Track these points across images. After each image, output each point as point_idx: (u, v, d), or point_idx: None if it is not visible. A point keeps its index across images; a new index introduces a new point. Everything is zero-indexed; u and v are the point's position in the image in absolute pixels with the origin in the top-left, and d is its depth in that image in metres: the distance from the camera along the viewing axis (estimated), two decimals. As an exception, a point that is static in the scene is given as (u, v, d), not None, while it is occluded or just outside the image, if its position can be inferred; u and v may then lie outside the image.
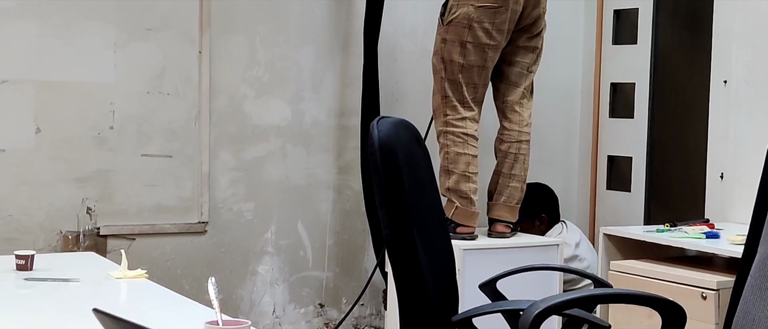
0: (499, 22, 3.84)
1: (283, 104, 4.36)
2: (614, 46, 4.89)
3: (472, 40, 3.85)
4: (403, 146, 2.51)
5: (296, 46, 4.36)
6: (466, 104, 3.92)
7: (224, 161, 4.25)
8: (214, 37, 4.17)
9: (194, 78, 4.15)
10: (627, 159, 4.83)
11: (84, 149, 3.97)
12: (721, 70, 4.32)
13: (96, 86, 3.98)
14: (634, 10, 4.76)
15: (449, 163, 3.92)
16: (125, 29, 4.00)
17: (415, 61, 4.57)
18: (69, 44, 3.91)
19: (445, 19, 3.90)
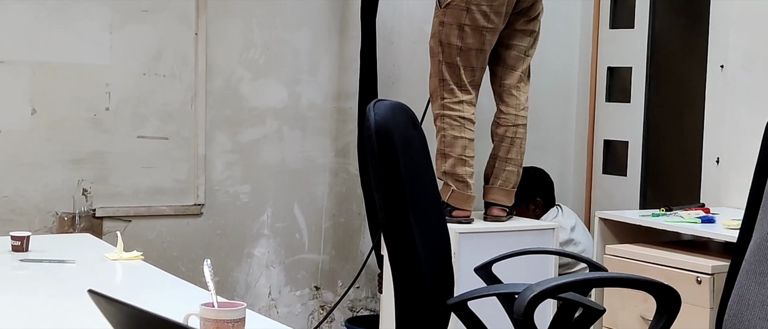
0: (497, 5, 3.83)
1: (280, 87, 4.35)
2: (611, 30, 4.89)
3: (470, 23, 3.84)
4: (399, 129, 2.51)
5: (293, 28, 4.35)
6: (464, 87, 3.92)
7: (220, 144, 4.24)
8: (210, 19, 4.16)
9: (190, 60, 4.14)
10: (623, 143, 4.83)
11: (80, 131, 3.96)
12: (717, 55, 4.32)
13: (92, 68, 3.97)
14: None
15: (446, 146, 3.92)
16: (121, 11, 3.99)
17: (412, 44, 4.57)
18: (65, 26, 3.90)
19: (442, 2, 3.89)
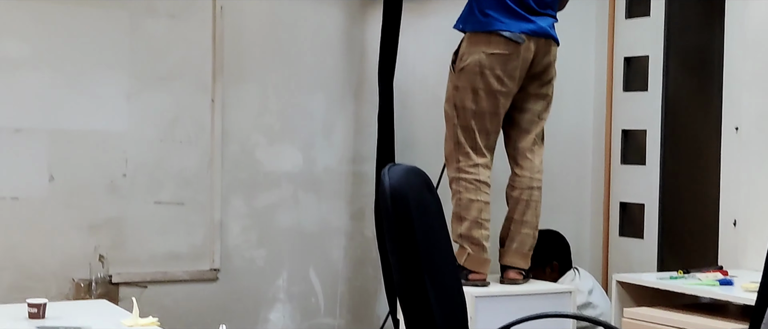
0: (511, 69, 3.86)
1: (295, 151, 4.38)
2: (625, 92, 4.90)
3: (484, 87, 3.86)
4: (414, 192, 2.52)
5: (308, 93, 4.38)
6: (479, 150, 3.92)
7: (236, 208, 4.25)
8: (226, 85, 4.20)
9: (207, 125, 4.17)
10: (639, 206, 4.82)
11: (97, 197, 3.98)
12: (732, 117, 4.32)
13: (109, 134, 4.00)
14: (645, 58, 4.78)
15: (461, 209, 3.92)
16: (139, 78, 4.03)
17: (426, 108, 4.59)
18: (83, 93, 3.94)
19: (456, 67, 3.92)
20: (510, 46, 3.84)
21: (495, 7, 3.86)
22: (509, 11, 3.86)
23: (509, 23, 3.85)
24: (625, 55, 4.90)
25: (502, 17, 3.86)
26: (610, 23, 4.93)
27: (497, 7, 3.86)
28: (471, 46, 3.88)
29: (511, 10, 3.86)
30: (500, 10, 3.86)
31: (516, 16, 3.87)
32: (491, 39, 3.84)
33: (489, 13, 3.86)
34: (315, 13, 4.37)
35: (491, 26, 3.85)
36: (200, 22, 4.13)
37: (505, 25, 3.85)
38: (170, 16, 4.07)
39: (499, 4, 3.86)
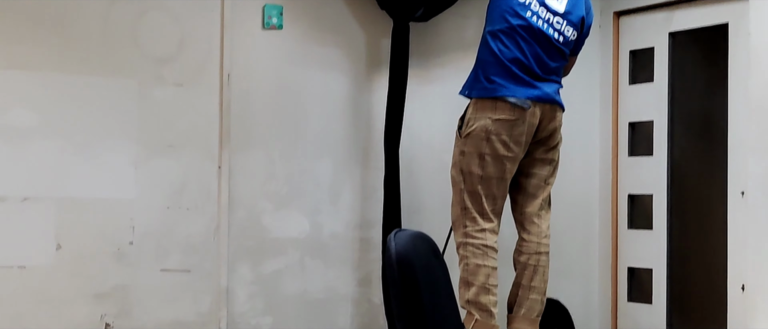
0: (517, 134, 3.88)
1: (301, 217, 4.38)
2: (631, 157, 4.91)
3: (491, 152, 3.88)
4: (420, 258, 2.52)
5: (314, 159, 4.40)
6: (486, 215, 3.93)
7: (242, 275, 4.25)
8: (233, 152, 4.22)
9: (213, 192, 4.18)
10: (647, 271, 4.80)
11: (103, 265, 3.98)
12: (738, 181, 4.32)
13: (116, 202, 4.01)
14: (649, 123, 4.80)
15: (469, 275, 3.91)
16: (146, 145, 4.05)
17: (432, 173, 4.60)
18: (90, 161, 3.96)
19: (463, 132, 3.94)
20: (516, 112, 3.86)
21: (500, 73, 3.90)
22: (514, 78, 3.90)
23: (514, 89, 3.89)
24: (630, 120, 4.92)
25: (508, 83, 3.89)
26: (614, 89, 4.96)
27: (502, 74, 3.90)
28: (477, 112, 3.91)
29: (516, 76, 3.90)
30: (505, 77, 3.90)
31: (521, 82, 3.90)
32: (497, 105, 3.87)
33: (494, 80, 3.90)
34: (321, 80, 4.40)
35: (497, 92, 3.88)
36: (208, 90, 4.17)
37: (511, 92, 3.88)
38: (178, 85, 4.11)
39: (505, 70, 3.90)
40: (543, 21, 3.94)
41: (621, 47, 4.96)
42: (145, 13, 4.04)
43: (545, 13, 3.95)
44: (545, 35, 3.94)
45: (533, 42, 3.93)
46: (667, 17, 4.71)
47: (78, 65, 3.93)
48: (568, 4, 4.00)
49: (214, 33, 4.18)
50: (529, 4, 3.92)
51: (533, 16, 3.92)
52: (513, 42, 3.91)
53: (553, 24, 3.97)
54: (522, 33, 3.91)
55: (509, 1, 3.93)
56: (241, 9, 4.23)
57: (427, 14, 4.45)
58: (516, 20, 3.91)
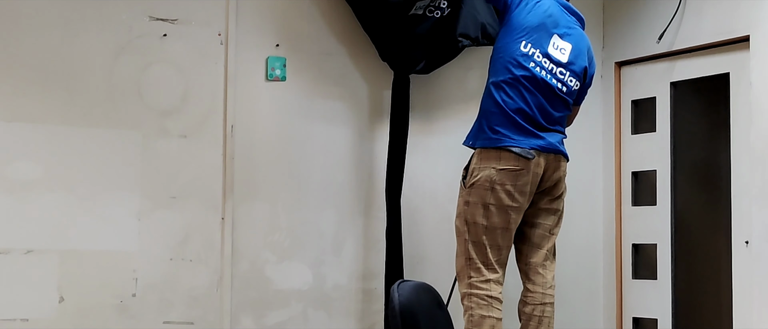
0: (521, 184, 3.88)
1: (305, 268, 4.37)
2: (634, 207, 4.91)
3: (495, 202, 3.88)
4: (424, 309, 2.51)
5: (317, 210, 4.40)
6: (490, 266, 3.91)
7: (245, 327, 4.23)
8: (237, 204, 4.22)
9: (216, 244, 4.18)
10: (652, 321, 4.77)
11: (106, 318, 3.97)
12: (742, 231, 4.31)
13: (119, 254, 4.01)
14: (652, 172, 4.80)
15: (474, 326, 3.89)
16: (150, 197, 4.06)
17: (436, 223, 4.59)
18: (93, 213, 3.96)
19: (467, 182, 3.94)
20: (520, 162, 3.87)
21: (504, 124, 3.91)
22: (519, 128, 3.90)
23: (519, 139, 3.89)
24: (633, 169, 4.92)
25: (512, 134, 3.89)
26: (617, 138, 4.97)
27: (506, 124, 3.90)
28: (481, 162, 3.91)
29: (521, 126, 3.90)
30: (509, 127, 3.90)
31: (525, 132, 3.91)
32: (501, 155, 3.87)
33: (498, 130, 3.90)
34: (324, 131, 4.42)
35: (501, 142, 3.89)
36: (211, 142, 4.18)
37: (515, 142, 3.88)
38: (182, 136, 4.13)
39: (509, 121, 3.90)
40: (546, 71, 3.96)
41: (623, 97, 4.97)
42: (149, 66, 4.07)
43: (548, 63, 3.96)
44: (549, 86, 3.96)
45: (537, 92, 3.94)
46: (668, 67, 4.73)
47: (82, 118, 3.95)
48: (571, 55, 4.02)
49: (218, 85, 4.20)
50: (532, 55, 3.94)
51: (536, 67, 3.94)
52: (517, 93, 3.92)
53: (556, 74, 3.98)
54: (525, 83, 3.92)
55: (512, 52, 3.95)
56: (244, 61, 4.25)
57: (428, 67, 4.48)
58: (519, 71, 3.93)
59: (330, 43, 4.42)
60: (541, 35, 3.97)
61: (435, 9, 4.35)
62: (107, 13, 3.99)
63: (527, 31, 3.95)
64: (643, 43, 4.80)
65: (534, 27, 3.96)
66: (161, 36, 4.09)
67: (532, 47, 3.94)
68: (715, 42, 4.47)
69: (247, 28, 4.26)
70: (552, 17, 4.00)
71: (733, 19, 4.35)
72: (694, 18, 4.55)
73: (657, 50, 4.72)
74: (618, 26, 4.96)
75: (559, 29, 4.00)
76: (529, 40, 3.95)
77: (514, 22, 3.98)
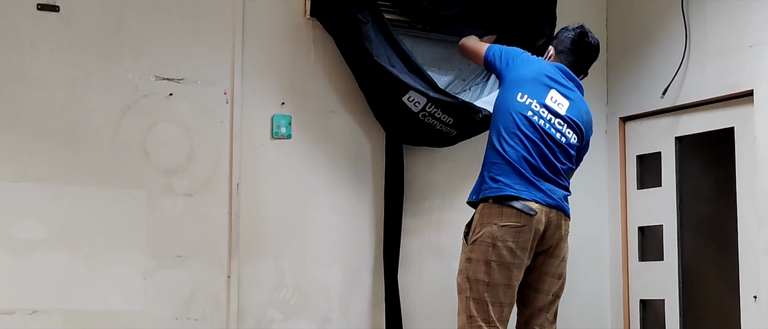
0: (523, 240, 3.87)
1: (311, 326, 4.35)
2: (641, 262, 4.89)
3: (497, 259, 3.86)
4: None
5: (323, 267, 4.39)
6: (492, 323, 3.89)
7: (251, 387, 4.21)
8: (242, 261, 4.21)
9: (222, 303, 4.17)
10: (661, 377, 4.74)
11: (111, 377, 3.95)
12: (750, 285, 4.29)
13: (125, 314, 4.00)
14: (659, 227, 4.79)
15: (476, 383, 3.86)
16: (155, 256, 4.06)
17: (441, 280, 4.58)
18: (98, 273, 3.96)
19: (469, 239, 3.93)
20: (522, 218, 3.86)
21: (506, 173, 3.89)
22: (521, 176, 3.89)
23: (520, 189, 3.87)
24: (640, 224, 4.91)
25: (514, 183, 3.88)
26: (623, 193, 4.97)
27: (509, 174, 3.89)
28: (483, 218, 3.91)
29: (523, 175, 3.89)
30: (511, 176, 3.89)
31: (527, 181, 3.89)
32: (503, 211, 3.87)
33: (500, 179, 3.90)
34: (329, 188, 4.42)
35: (502, 191, 3.87)
36: (217, 200, 4.19)
37: (517, 192, 3.86)
38: (187, 195, 4.13)
39: (511, 170, 3.89)
40: (544, 120, 3.96)
41: (628, 152, 4.98)
42: (155, 125, 4.09)
43: (546, 113, 3.97)
44: (548, 134, 3.95)
45: (537, 140, 3.93)
46: (672, 122, 4.74)
47: (88, 177, 3.96)
48: (569, 110, 4.02)
49: (224, 143, 4.22)
50: (531, 104, 3.96)
51: (535, 116, 3.95)
52: (517, 141, 3.92)
53: (554, 124, 3.98)
54: (525, 131, 3.92)
55: (509, 103, 3.97)
56: (250, 119, 4.28)
57: (421, 144, 4.52)
58: (518, 119, 3.94)
59: (334, 101, 4.45)
60: (538, 87, 3.99)
61: (440, 123, 4.39)
62: (113, 73, 4.03)
63: (523, 83, 3.99)
64: (647, 98, 4.81)
65: (530, 79, 4.00)
66: (167, 95, 4.12)
67: (529, 98, 3.96)
68: (718, 97, 4.48)
69: (253, 87, 4.29)
70: (549, 75, 4.04)
71: (737, 73, 4.37)
72: (697, 73, 4.57)
73: (661, 105, 4.74)
74: (621, 81, 4.98)
75: (556, 85, 4.03)
76: (526, 91, 3.98)
77: (510, 78, 4.04)
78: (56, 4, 3.93)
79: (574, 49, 4.14)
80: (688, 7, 4.63)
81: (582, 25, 4.20)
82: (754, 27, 4.31)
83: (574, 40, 4.15)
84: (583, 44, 4.16)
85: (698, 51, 4.57)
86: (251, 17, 4.29)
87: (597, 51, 4.21)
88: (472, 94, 4.62)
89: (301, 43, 4.40)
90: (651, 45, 4.82)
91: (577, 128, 4.04)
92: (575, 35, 4.15)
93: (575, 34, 4.16)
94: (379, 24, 4.31)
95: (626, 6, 4.99)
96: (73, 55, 3.95)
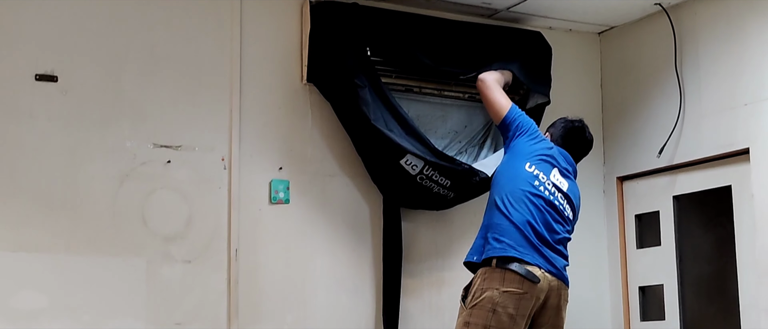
0: (523, 307, 3.83)
1: (310, 390, 4.32)
2: (642, 322, 4.87)
3: (496, 325, 3.81)
4: None
5: (323, 329, 4.37)
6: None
7: None
8: (241, 327, 4.19)
9: (222, 369, 4.14)
10: None
11: None
12: (753, 345, 4.27)
13: (124, 382, 3.97)
14: (659, 287, 4.78)
15: None
16: (155, 323, 4.03)
17: (443, 344, 4.56)
18: (98, 342, 3.93)
19: (467, 302, 3.89)
20: (525, 285, 3.82)
21: (510, 235, 3.87)
22: (526, 240, 3.87)
23: (523, 253, 3.85)
24: (640, 284, 4.90)
25: (518, 245, 3.86)
26: (623, 253, 4.96)
27: (513, 235, 3.87)
28: (485, 282, 3.86)
29: (527, 239, 3.88)
30: (516, 238, 3.87)
31: (532, 246, 3.87)
32: (506, 276, 3.83)
33: (504, 240, 3.88)
34: (328, 252, 4.41)
35: (507, 252, 3.84)
36: (216, 266, 4.18)
37: (520, 254, 3.84)
38: (186, 262, 4.12)
39: (516, 231, 3.87)
40: (549, 192, 4.00)
41: (626, 212, 4.98)
42: (153, 193, 4.09)
43: (551, 187, 4.02)
44: (553, 204, 3.98)
45: (542, 208, 3.94)
46: (670, 181, 4.75)
47: (86, 246, 3.95)
48: (569, 190, 4.08)
49: (222, 209, 4.22)
50: (538, 176, 4.00)
51: (541, 186, 3.99)
52: (523, 206, 3.93)
53: (557, 197, 4.03)
54: (532, 198, 3.94)
55: (518, 170, 3.99)
56: (248, 185, 4.28)
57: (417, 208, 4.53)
58: (525, 186, 3.95)
59: (332, 166, 4.46)
60: (544, 164, 4.05)
61: (437, 186, 4.41)
62: (111, 141, 4.04)
63: (532, 156, 4.04)
64: (644, 157, 4.83)
65: (538, 155, 4.06)
66: (165, 162, 4.13)
67: (537, 169, 4.01)
68: (715, 155, 4.50)
69: (250, 152, 4.30)
70: (554, 156, 4.11)
71: (732, 132, 4.39)
72: (693, 132, 4.59)
73: (658, 164, 4.75)
74: (618, 141, 5.00)
75: (559, 166, 4.10)
76: (534, 162, 4.03)
77: (520, 147, 4.08)
78: (55, 74, 3.96)
79: (569, 140, 4.22)
80: (682, 67, 4.66)
81: (581, 120, 4.30)
82: (747, 86, 4.35)
83: (570, 132, 4.24)
84: (579, 138, 4.25)
85: (693, 110, 4.59)
86: (248, 83, 4.32)
87: (590, 147, 4.32)
88: (468, 156, 4.63)
89: (299, 108, 4.42)
90: (646, 104, 4.85)
91: (573, 206, 4.08)
92: (572, 127, 4.25)
93: (573, 126, 4.25)
94: (376, 88, 4.34)
95: (621, 66, 5.03)
96: (71, 123, 3.97)
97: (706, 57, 4.55)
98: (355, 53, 4.34)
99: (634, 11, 4.83)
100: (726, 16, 4.47)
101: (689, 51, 4.64)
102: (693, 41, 4.62)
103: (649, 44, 4.86)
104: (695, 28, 4.61)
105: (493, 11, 4.76)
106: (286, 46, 4.41)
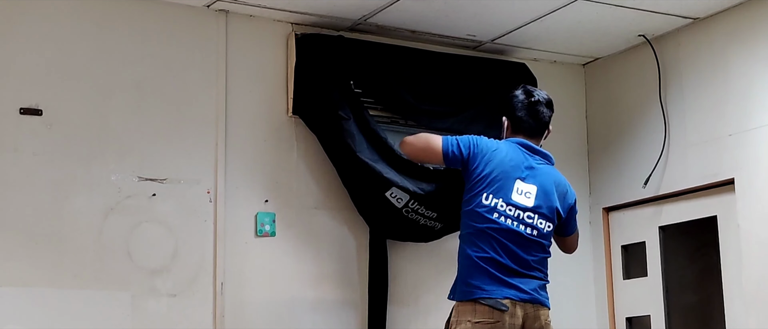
0: (510, 337, 3.80)
1: None
2: (630, 352, 4.87)
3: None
4: None
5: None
6: None
7: None
8: (227, 362, 4.17)
9: (208, 405, 4.11)
10: None
11: None
12: (741, 377, 4.26)
13: None
14: (647, 317, 4.77)
15: None
16: (141, 360, 4.01)
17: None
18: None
19: (450, 328, 3.89)
20: (494, 315, 3.77)
21: (476, 275, 3.82)
22: (491, 277, 3.81)
23: (491, 290, 3.79)
24: (627, 315, 4.89)
25: (484, 284, 3.80)
26: (609, 284, 4.95)
27: (479, 275, 3.82)
28: (459, 316, 3.84)
29: (493, 275, 3.81)
30: (482, 278, 3.81)
31: (498, 281, 3.80)
32: (476, 308, 3.79)
33: (471, 282, 3.83)
34: (314, 286, 4.40)
35: (473, 295, 3.81)
36: (201, 300, 4.15)
37: (487, 293, 3.79)
38: (171, 296, 4.10)
39: (481, 271, 3.82)
40: (512, 219, 3.86)
41: (612, 242, 4.99)
42: (138, 226, 4.08)
43: (514, 210, 3.87)
44: (517, 233, 3.86)
45: (505, 240, 3.84)
46: (656, 212, 4.76)
47: (71, 280, 3.93)
48: (537, 198, 3.91)
49: (208, 242, 4.20)
50: (496, 205, 3.86)
51: (501, 217, 3.86)
52: (485, 243, 3.84)
53: (523, 220, 3.88)
54: (493, 234, 3.83)
55: (476, 206, 3.89)
56: (234, 217, 4.27)
57: (405, 240, 4.53)
58: (484, 224, 3.86)
59: (318, 198, 4.45)
60: (502, 183, 3.89)
61: (424, 218, 4.40)
62: (96, 174, 4.02)
63: (488, 183, 3.89)
64: (630, 188, 4.84)
65: (494, 177, 3.89)
66: (150, 196, 4.11)
67: (494, 197, 3.87)
68: (700, 186, 4.51)
69: (236, 185, 4.29)
70: (512, 162, 3.92)
71: (717, 162, 4.41)
72: (678, 162, 4.60)
73: (644, 195, 4.76)
74: (603, 172, 5.02)
75: (521, 173, 3.92)
76: (490, 190, 3.88)
77: (474, 176, 3.92)
78: (39, 108, 3.95)
79: (528, 112, 4.02)
80: (666, 98, 4.69)
81: (523, 85, 4.11)
82: (732, 116, 4.37)
83: (524, 105, 4.03)
84: (534, 104, 4.03)
85: (678, 140, 4.61)
86: (234, 116, 4.31)
87: (550, 105, 4.07)
88: (455, 185, 4.62)
89: (284, 140, 4.42)
90: (631, 135, 4.86)
91: (549, 214, 3.93)
92: (523, 98, 4.04)
93: (522, 97, 4.04)
94: (361, 120, 4.34)
95: (605, 97, 5.05)
96: (56, 157, 3.96)
97: (691, 88, 4.57)
98: (339, 85, 4.35)
99: (618, 43, 4.86)
100: (709, 47, 4.50)
101: (673, 82, 4.67)
102: (677, 72, 4.65)
103: (634, 75, 4.88)
104: (679, 59, 4.64)
105: (477, 43, 4.78)
106: (272, 79, 4.42)
